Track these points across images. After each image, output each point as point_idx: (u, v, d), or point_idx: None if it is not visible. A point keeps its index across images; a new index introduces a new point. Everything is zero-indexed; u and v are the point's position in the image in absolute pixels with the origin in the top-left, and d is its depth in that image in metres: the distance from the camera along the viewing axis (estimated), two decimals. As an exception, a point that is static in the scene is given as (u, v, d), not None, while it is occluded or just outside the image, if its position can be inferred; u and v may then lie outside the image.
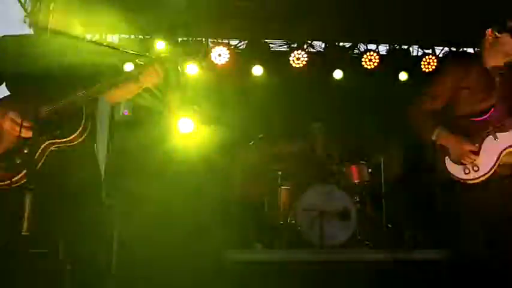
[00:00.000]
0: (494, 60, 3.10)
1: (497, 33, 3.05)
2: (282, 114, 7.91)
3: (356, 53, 8.87)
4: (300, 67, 8.38)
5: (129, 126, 6.84)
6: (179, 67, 6.61)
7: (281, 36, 8.73)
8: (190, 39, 8.41)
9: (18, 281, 2.68)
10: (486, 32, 3.10)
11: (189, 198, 5.94)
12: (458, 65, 3.16)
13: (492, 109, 2.99)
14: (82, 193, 2.74)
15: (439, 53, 8.89)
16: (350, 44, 8.90)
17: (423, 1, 6.84)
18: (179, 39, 8.29)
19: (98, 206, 2.92)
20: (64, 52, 2.74)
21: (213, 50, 8.23)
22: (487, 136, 2.95)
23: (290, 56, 8.40)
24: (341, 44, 8.85)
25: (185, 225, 5.47)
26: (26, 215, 2.31)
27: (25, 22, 5.55)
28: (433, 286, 4.45)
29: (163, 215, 5.57)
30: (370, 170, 6.72)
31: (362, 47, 8.87)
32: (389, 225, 6.73)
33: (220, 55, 8.21)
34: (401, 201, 6.74)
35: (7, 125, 2.65)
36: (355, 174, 6.64)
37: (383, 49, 8.93)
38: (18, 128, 2.58)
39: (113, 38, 8.11)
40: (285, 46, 8.81)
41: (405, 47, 8.95)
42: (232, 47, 8.60)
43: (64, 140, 2.69)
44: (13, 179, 2.58)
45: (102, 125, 7.88)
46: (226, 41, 8.57)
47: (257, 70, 8.48)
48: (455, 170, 2.96)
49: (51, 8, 2.77)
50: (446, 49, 8.85)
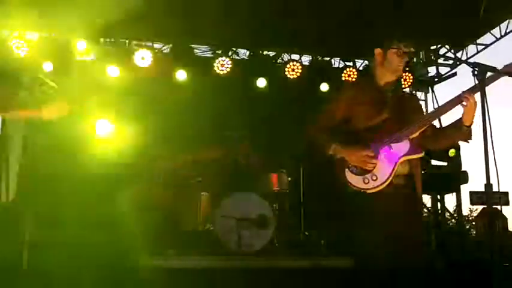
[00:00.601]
0: (385, 77, 3.28)
1: (384, 51, 3.24)
2: (204, 120, 7.88)
3: (279, 62, 9.00)
4: (224, 74, 8.39)
5: (42, 127, 6.57)
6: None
7: (206, 42, 8.72)
8: (113, 40, 8.22)
9: None
10: (375, 51, 3.30)
11: (104, 202, 5.79)
12: (353, 84, 3.41)
13: (386, 122, 3.17)
14: None
15: (360, 66, 9.21)
16: (274, 53, 9.03)
17: (344, 16, 7.07)
18: (101, 39, 8.09)
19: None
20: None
21: (136, 53, 8.08)
22: (383, 147, 3.12)
23: (214, 62, 8.39)
24: (265, 53, 8.95)
25: (99, 229, 5.33)
26: None
27: None
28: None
29: (76, 219, 5.41)
30: (289, 179, 6.81)
31: (286, 57, 9.02)
32: (306, 233, 6.84)
33: (143, 58, 8.07)
34: (319, 209, 6.88)
35: None
36: (275, 182, 6.71)
37: (306, 60, 9.14)
38: None
39: (33, 36, 7.79)
40: (210, 52, 8.81)
41: (327, 59, 9.19)
42: (156, 51, 8.49)
43: None
44: None
45: (16, 126, 7.56)
46: (150, 44, 8.45)
47: (180, 75, 8.40)
48: (355, 181, 3.10)
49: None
50: (366, 62, 9.18)
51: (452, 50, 9.66)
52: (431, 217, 9.36)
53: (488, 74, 2.93)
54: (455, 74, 9.83)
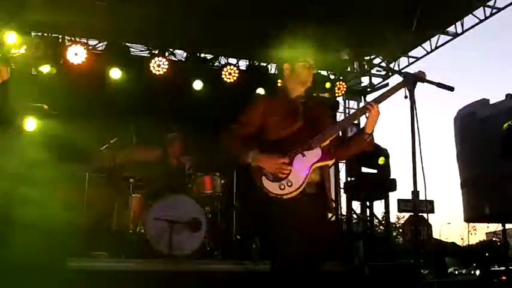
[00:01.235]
0: (295, 90, 3.48)
1: (292, 65, 3.45)
2: (138, 120, 7.72)
3: (217, 66, 8.99)
4: (161, 74, 8.28)
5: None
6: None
7: (142, 41, 8.60)
8: (45, 34, 7.94)
9: None
10: (284, 66, 3.52)
11: (31, 201, 5.57)
12: (266, 96, 3.72)
13: (299, 131, 3.35)
14: None
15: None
16: (211, 56, 9.01)
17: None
18: (33, 33, 7.79)
19: None
20: None
21: (69, 49, 7.84)
22: (296, 155, 3.27)
23: (151, 62, 8.27)
24: (202, 55, 8.93)
25: (27, 230, 5.13)
26: None
27: None
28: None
29: (4, 219, 5.20)
30: (223, 182, 6.80)
31: (223, 60, 9.03)
32: (238, 236, 6.85)
33: (76, 54, 7.84)
34: (250, 213, 6.90)
35: None
36: (208, 185, 6.68)
37: (243, 64, 9.18)
38: None
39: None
40: (146, 52, 8.68)
41: (264, 64, 9.27)
42: (90, 47, 8.28)
43: None
44: None
45: None
46: (84, 40, 8.22)
47: (115, 73, 8.21)
48: (271, 187, 3.23)
49: None
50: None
51: (385, 62, 10.02)
52: (360, 223, 9.62)
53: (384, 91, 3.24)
54: (387, 85, 10.17)
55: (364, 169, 8.91)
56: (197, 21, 7.51)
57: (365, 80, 10.45)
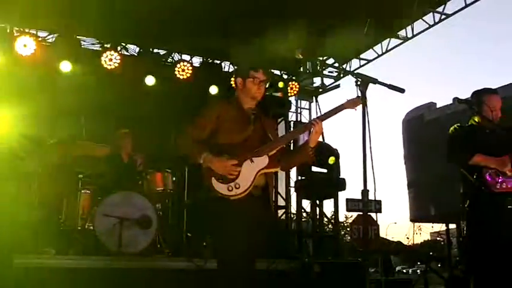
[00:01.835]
0: (246, 102, 3.64)
1: (244, 80, 3.61)
2: (89, 115, 7.60)
3: (170, 62, 8.92)
4: (112, 68, 8.15)
5: None
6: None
7: (94, 34, 8.44)
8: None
9: None
10: (236, 80, 3.67)
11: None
12: (220, 103, 3.78)
13: (249, 139, 3.52)
14: None
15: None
16: (165, 52, 8.94)
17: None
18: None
19: None
20: None
21: (18, 40, 7.62)
22: (245, 160, 3.43)
23: (102, 56, 8.13)
24: (155, 51, 8.84)
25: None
26: None
27: None
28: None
29: None
30: (174, 179, 6.77)
31: (176, 56, 8.97)
32: (189, 234, 6.83)
33: (25, 46, 7.62)
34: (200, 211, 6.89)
35: None
36: (159, 182, 6.63)
37: (197, 61, 9.14)
38: None
39: None
40: (98, 45, 8.52)
41: (218, 62, 9.26)
42: (40, 39, 8.06)
43: None
44: None
45: None
46: (34, 32, 8.00)
47: (65, 66, 8.02)
48: (220, 188, 3.37)
49: None
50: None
51: (337, 63, 10.19)
52: (309, 222, 9.75)
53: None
54: (338, 86, 10.36)
55: (314, 168, 9.03)
56: (151, 15, 7.43)
57: (317, 81, 10.61)
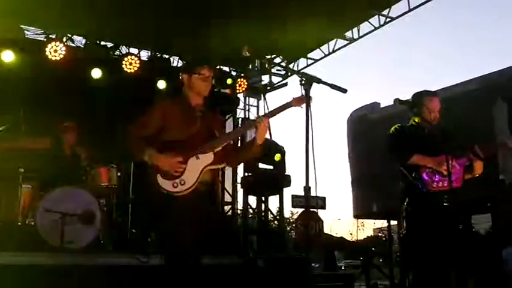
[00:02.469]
0: (193, 99, 3.67)
1: (190, 76, 3.64)
2: (32, 106, 7.36)
3: (117, 55, 8.79)
4: (57, 60, 7.94)
5: None
6: None
7: (39, 24, 8.21)
8: None
9: None
10: (183, 76, 3.70)
11: None
12: (166, 101, 3.80)
13: (195, 136, 3.55)
14: None
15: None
16: (112, 45, 8.80)
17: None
18: None
19: None
20: None
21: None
22: (191, 157, 3.46)
23: (47, 47, 7.91)
24: (102, 43, 8.68)
25: None
26: None
27: None
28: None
29: None
30: (119, 174, 6.68)
31: (124, 50, 8.84)
32: (133, 230, 6.76)
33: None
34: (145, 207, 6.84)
35: None
36: (103, 176, 6.52)
37: (145, 55, 9.05)
38: None
39: None
40: (43, 35, 8.29)
41: (166, 56, 9.19)
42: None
43: None
44: None
45: None
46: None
47: (7, 56, 7.76)
48: (165, 185, 3.40)
49: None
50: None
51: (285, 62, 10.30)
52: (255, 218, 9.83)
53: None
54: (286, 84, 10.48)
55: (260, 165, 9.12)
56: (98, 7, 7.30)
57: (265, 79, 10.70)
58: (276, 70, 10.49)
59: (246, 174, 9.49)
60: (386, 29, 9.02)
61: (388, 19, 8.77)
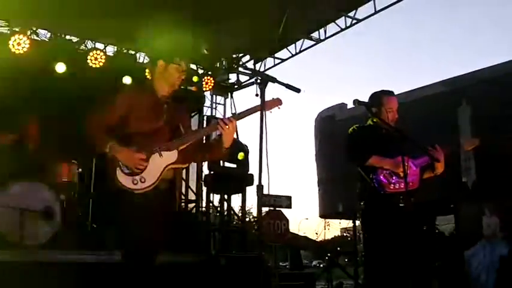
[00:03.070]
0: (163, 89, 3.53)
1: (167, 64, 3.52)
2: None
3: (82, 49, 8.68)
4: (21, 53, 7.80)
5: None
6: None
7: (1, 16, 8.06)
8: None
9: None
10: (158, 63, 3.54)
11: None
12: (133, 89, 3.72)
13: (160, 131, 3.44)
14: None
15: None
16: (77, 39, 8.69)
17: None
18: None
19: None
20: None
21: None
22: (154, 153, 3.34)
23: (10, 40, 7.76)
24: (68, 37, 8.57)
25: None
26: None
27: None
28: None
29: None
30: (80, 170, 6.61)
31: (90, 44, 8.74)
32: (94, 225, 6.72)
33: None
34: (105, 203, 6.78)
35: None
36: (64, 172, 6.46)
37: (110, 50, 8.96)
38: None
39: None
40: (6, 28, 8.13)
41: (132, 53, 9.12)
42: None
43: None
44: None
45: None
46: None
47: (-32, 48, 7.60)
48: (124, 180, 3.28)
49: None
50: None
51: (252, 61, 10.33)
52: (218, 216, 9.86)
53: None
54: (253, 83, 10.49)
55: (225, 163, 9.14)
56: (63, 0, 7.22)
57: (233, 77, 10.71)
58: (243, 69, 10.49)
59: (209, 172, 9.47)
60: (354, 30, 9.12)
61: (354, 21, 8.87)
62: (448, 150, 4.29)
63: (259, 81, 3.18)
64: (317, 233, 38.73)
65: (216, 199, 9.81)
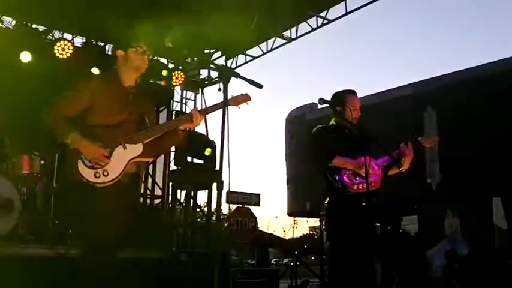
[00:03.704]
0: (128, 78, 3.44)
1: (125, 51, 3.42)
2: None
3: (49, 39, 8.51)
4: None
5: None
6: None
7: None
8: None
9: None
10: (117, 53, 3.47)
11: None
12: (98, 77, 3.50)
13: (125, 123, 3.33)
14: None
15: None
16: (44, 28, 8.51)
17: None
18: None
19: None
20: None
21: None
22: (118, 146, 3.25)
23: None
24: (34, 26, 8.38)
25: None
26: None
27: None
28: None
29: None
30: (42, 162, 6.47)
31: (57, 34, 8.57)
32: (54, 219, 6.58)
33: None
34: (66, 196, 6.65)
35: None
36: (25, 164, 6.31)
37: (79, 41, 8.81)
38: None
39: None
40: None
41: (101, 44, 8.98)
42: None
43: None
44: None
45: None
46: None
47: None
48: (86, 173, 3.18)
49: None
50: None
51: (224, 57, 10.28)
52: (183, 212, 9.80)
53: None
54: (224, 79, 10.43)
55: (190, 159, 9.08)
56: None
57: (204, 73, 10.63)
58: (213, 65, 10.44)
59: (176, 167, 9.39)
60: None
61: (326, 21, 8.91)
62: (416, 146, 4.33)
63: (221, 76, 3.15)
64: (285, 231, 38.89)
65: (183, 195, 9.74)
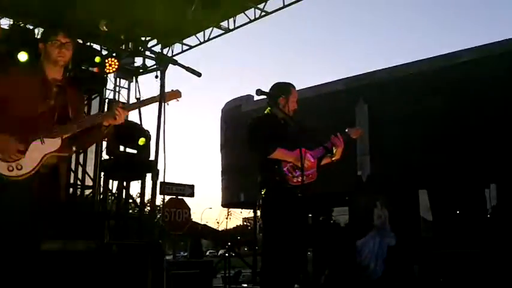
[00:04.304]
0: (51, 71, 3.30)
1: (44, 44, 3.28)
2: None
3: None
4: None
5: None
6: None
7: None
8: None
9: None
10: (39, 45, 3.31)
11: None
12: (19, 68, 3.45)
13: (44, 115, 3.19)
14: None
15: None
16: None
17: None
18: None
19: None
20: None
21: None
22: (35, 139, 3.12)
23: None
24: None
25: None
26: None
27: None
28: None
29: None
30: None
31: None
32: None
33: None
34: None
35: None
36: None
37: (6, 23, 8.40)
38: None
39: None
40: None
41: (31, 27, 8.62)
42: None
43: None
44: None
45: None
46: None
47: None
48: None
49: None
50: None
51: (159, 45, 10.12)
52: (115, 203, 9.60)
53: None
54: (159, 68, 10.26)
55: (123, 149, 8.90)
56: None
57: (139, 61, 10.43)
58: (150, 53, 10.25)
59: (108, 157, 9.16)
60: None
61: (264, 13, 8.92)
62: (345, 137, 4.40)
63: (159, 62, 3.09)
64: (218, 222, 38.92)
65: (115, 185, 9.55)
